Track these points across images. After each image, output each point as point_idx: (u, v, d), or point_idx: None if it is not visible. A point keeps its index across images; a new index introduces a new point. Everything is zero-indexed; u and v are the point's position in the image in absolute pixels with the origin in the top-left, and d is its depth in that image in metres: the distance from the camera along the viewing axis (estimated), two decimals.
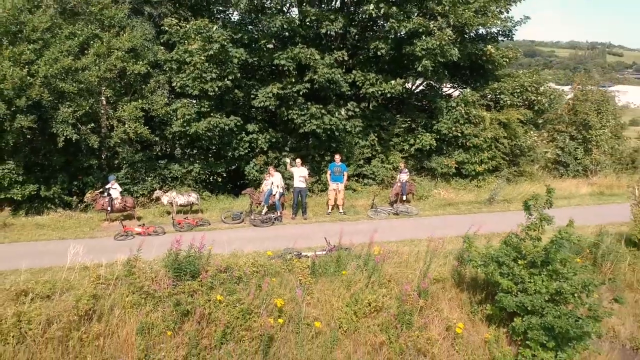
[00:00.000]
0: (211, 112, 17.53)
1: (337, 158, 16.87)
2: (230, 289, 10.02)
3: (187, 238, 10.63)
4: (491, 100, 21.54)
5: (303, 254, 11.88)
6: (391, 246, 12.93)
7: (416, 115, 20.95)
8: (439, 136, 20.39)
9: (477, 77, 22.00)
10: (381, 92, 18.50)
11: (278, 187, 16.21)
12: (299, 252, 11.97)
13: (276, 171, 16.64)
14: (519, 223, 10.71)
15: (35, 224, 14.85)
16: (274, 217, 15.78)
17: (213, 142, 18.19)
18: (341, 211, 16.96)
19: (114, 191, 15.23)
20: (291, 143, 19.37)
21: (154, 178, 18.25)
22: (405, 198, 17.83)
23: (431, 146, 20.16)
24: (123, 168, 17.78)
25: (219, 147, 18.67)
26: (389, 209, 17.31)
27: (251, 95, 18.20)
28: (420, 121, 20.70)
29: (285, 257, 11.56)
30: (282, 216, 16.12)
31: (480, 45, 19.96)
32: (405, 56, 18.56)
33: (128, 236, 13.71)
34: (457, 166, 20.79)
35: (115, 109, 17.43)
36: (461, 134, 20.26)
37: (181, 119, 17.29)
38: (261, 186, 16.95)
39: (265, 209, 16.29)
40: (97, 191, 15.53)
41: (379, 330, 10.03)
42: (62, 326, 8.83)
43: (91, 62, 16.15)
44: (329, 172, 16.86)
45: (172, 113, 17.76)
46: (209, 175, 19.72)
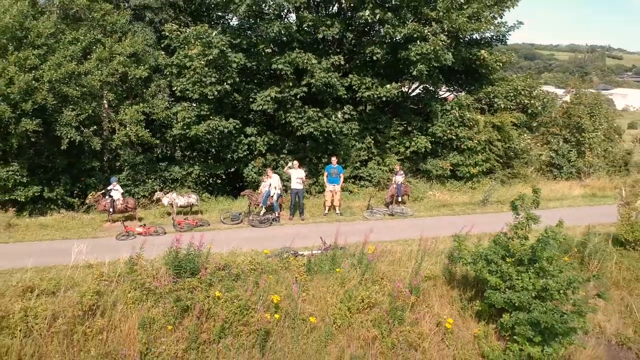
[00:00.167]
0: (211, 115, 17.92)
1: (334, 160, 17.26)
2: (228, 286, 10.40)
3: (187, 238, 11.00)
4: (485, 103, 21.94)
5: (299, 253, 12.22)
6: (385, 245, 13.25)
7: (412, 118, 21.35)
8: (434, 139, 20.78)
9: (472, 81, 22.42)
10: (377, 96, 18.91)
11: (276, 189, 16.55)
12: (296, 251, 12.30)
13: (274, 173, 17.02)
14: (507, 222, 11.14)
15: (39, 225, 15.14)
16: (272, 218, 16.14)
17: (212, 145, 18.57)
18: (338, 212, 17.32)
19: (116, 192, 15.57)
20: (289, 145, 19.75)
21: (155, 180, 18.64)
22: (400, 199, 18.21)
23: (426, 149, 20.54)
24: (124, 170, 18.17)
25: (218, 150, 19.05)
26: (385, 210, 17.68)
27: (250, 98, 18.60)
28: (415, 124, 21.10)
29: (282, 256, 11.93)
30: (280, 217, 16.48)
31: (474, 49, 20.35)
32: (400, 61, 18.99)
33: (129, 236, 14.04)
34: (452, 168, 21.17)
35: (117, 113, 17.85)
36: (456, 137, 20.65)
37: (181, 122, 17.69)
38: (259, 188, 17.31)
39: (263, 210, 16.62)
40: (99, 192, 15.88)
41: (372, 325, 10.40)
42: (67, 321, 9.20)
43: (94, 67, 16.58)
44: (326, 174, 17.24)
45: (173, 116, 18.16)
46: (209, 177, 20.10)
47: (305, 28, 18.39)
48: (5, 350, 8.64)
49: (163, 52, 18.59)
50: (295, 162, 17.03)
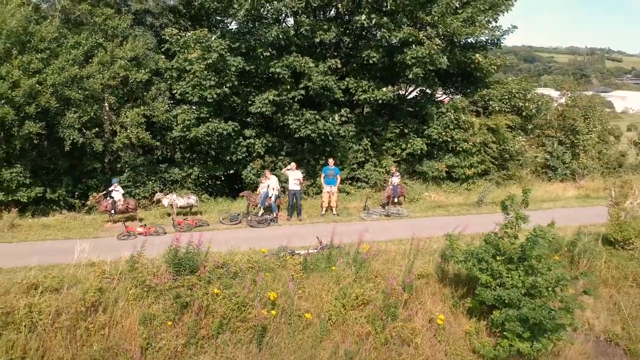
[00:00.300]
0: (210, 118, 18.26)
1: (331, 162, 17.57)
2: (226, 283, 10.73)
3: (187, 238, 11.32)
4: (480, 106, 22.28)
5: (296, 252, 12.51)
6: (381, 245, 13.54)
7: (408, 120, 21.69)
8: (430, 141, 21.11)
9: (467, 84, 22.78)
10: (373, 99, 19.25)
11: (274, 190, 16.85)
12: (292, 250, 12.59)
13: (272, 174, 17.33)
14: (497, 222, 11.47)
15: (41, 225, 15.42)
16: (270, 219, 16.44)
17: (212, 147, 18.90)
18: (335, 213, 17.62)
19: (117, 193, 15.86)
20: (287, 147, 20.08)
21: (155, 181, 18.96)
22: (397, 200, 18.50)
23: (422, 151, 20.86)
24: (125, 172, 18.49)
25: (218, 152, 19.38)
26: (381, 211, 17.99)
27: (248, 101, 18.94)
28: (411, 126, 21.44)
29: (279, 255, 12.25)
30: (278, 217, 16.78)
31: (469, 53, 20.70)
32: (396, 64, 19.34)
33: (130, 236, 14.34)
34: (448, 170, 21.50)
35: (118, 115, 18.19)
36: (451, 139, 21.00)
37: (181, 125, 18.03)
38: (258, 189, 17.61)
39: (261, 211, 16.91)
40: (101, 193, 16.19)
41: (366, 321, 10.72)
42: (70, 316, 9.53)
43: (95, 71, 16.92)
44: (323, 175, 17.54)
45: (173, 119, 18.49)
46: (208, 178, 20.42)
47: (302, 32, 18.74)
48: (10, 344, 8.96)
49: (163, 56, 18.93)
50: (292, 164, 17.34)
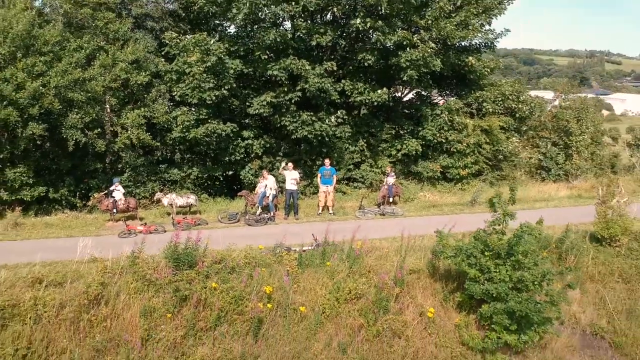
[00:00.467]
0: (209, 119, 18.66)
1: (327, 162, 17.98)
2: (224, 278, 11.13)
3: (186, 235, 11.69)
4: (474, 108, 22.69)
5: (292, 249, 12.90)
6: (375, 243, 13.96)
7: (403, 122, 22.10)
8: (425, 142, 21.53)
9: (462, 86, 23.21)
10: (369, 101, 19.67)
11: (271, 190, 17.24)
12: (289, 247, 12.98)
13: (270, 174, 17.72)
14: (485, 220, 11.88)
15: (44, 224, 15.77)
16: (268, 217, 16.83)
17: (210, 147, 19.30)
18: (331, 212, 18.00)
19: (118, 193, 16.22)
20: (284, 148, 20.49)
21: (155, 181, 19.36)
22: (392, 200, 18.89)
23: (417, 151, 21.27)
24: (126, 172, 18.89)
25: (216, 153, 19.77)
26: (376, 210, 18.38)
27: (247, 103, 19.36)
28: (407, 128, 21.86)
29: (275, 251, 12.64)
30: (275, 216, 17.16)
31: (463, 56, 21.12)
32: (391, 67, 19.79)
33: (131, 234, 14.71)
34: (442, 170, 21.91)
35: (119, 117, 18.61)
36: (445, 140, 21.42)
37: (181, 126, 18.45)
38: (256, 189, 17.99)
39: (259, 210, 17.29)
40: (102, 193, 16.56)
41: (358, 314, 11.13)
42: (74, 309, 9.93)
43: (97, 73, 17.35)
44: (319, 176, 17.93)
45: (172, 120, 18.90)
46: (207, 179, 20.80)
47: (299, 35, 19.18)
48: (17, 335, 9.35)
49: (163, 59, 19.34)
50: (289, 164, 17.73)
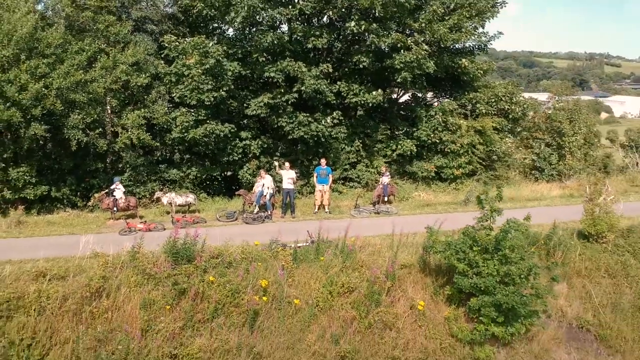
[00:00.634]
0: (207, 120, 19.04)
1: (323, 162, 18.37)
2: (221, 272, 11.56)
3: (185, 232, 12.13)
4: (468, 109, 23.11)
5: (287, 245, 13.28)
6: (369, 240, 14.31)
7: (398, 123, 22.52)
8: (419, 142, 21.93)
9: (456, 88, 23.63)
10: (364, 102, 20.10)
11: (269, 189, 17.60)
12: (284, 244, 13.35)
13: (267, 174, 18.11)
14: (474, 217, 12.30)
15: (46, 222, 16.15)
16: (265, 216, 17.22)
17: (209, 148, 19.69)
18: (327, 211, 18.37)
19: (118, 191, 16.59)
20: (281, 148, 20.88)
21: (155, 181, 19.76)
22: (387, 199, 19.27)
23: (412, 152, 21.67)
24: (126, 171, 19.28)
25: (215, 153, 20.16)
26: (371, 209, 18.77)
27: (244, 104, 19.77)
28: (402, 129, 22.27)
29: (271, 247, 13.04)
30: (272, 215, 17.53)
31: (456, 58, 21.55)
32: (386, 69, 20.22)
33: (131, 232, 15.08)
34: (437, 170, 22.30)
35: (119, 117, 19.02)
36: (439, 141, 21.83)
37: (180, 126, 18.86)
38: (253, 188, 18.37)
39: (257, 209, 17.67)
40: (103, 192, 16.95)
41: (351, 307, 11.55)
42: (76, 301, 10.36)
43: (98, 75, 17.76)
44: (315, 175, 18.32)
45: (172, 121, 19.30)
46: (206, 178, 21.18)
47: (296, 38, 19.61)
48: (21, 325, 9.77)
49: (162, 62, 19.74)
50: (287, 164, 18.14)
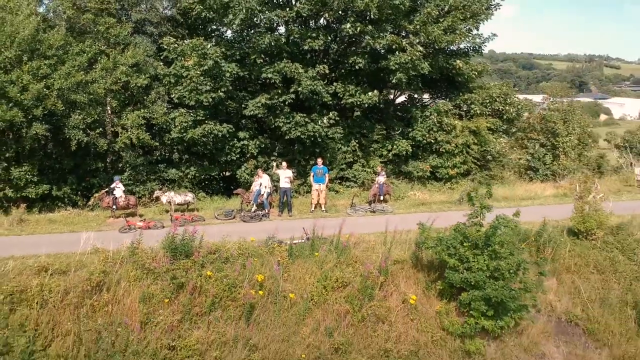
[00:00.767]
0: (206, 120, 19.36)
1: (319, 161, 18.69)
2: (218, 267, 11.89)
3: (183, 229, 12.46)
4: (463, 110, 23.46)
5: (283, 242, 13.60)
6: (364, 237, 14.64)
7: (394, 123, 22.85)
8: (415, 142, 22.27)
9: (451, 89, 23.98)
10: (359, 102, 20.44)
11: (266, 188, 17.92)
12: (280, 240, 13.68)
13: (265, 173, 18.44)
14: (465, 214, 12.64)
15: (47, 220, 16.44)
16: (262, 214, 17.53)
17: (207, 148, 20.00)
18: (323, 209, 18.67)
19: (118, 190, 16.88)
20: (279, 148, 21.21)
21: (154, 180, 20.09)
22: (382, 198, 19.60)
23: (407, 152, 21.99)
24: (126, 171, 19.61)
25: (213, 153, 20.49)
26: (367, 207, 19.09)
27: (242, 105, 20.10)
28: (397, 129, 22.60)
29: (267, 243, 13.36)
30: (270, 213, 17.84)
31: (451, 59, 21.90)
32: (381, 70, 20.58)
33: (131, 229, 15.36)
34: (432, 170, 22.63)
35: (119, 117, 19.36)
36: (435, 141, 22.18)
37: (179, 127, 19.18)
38: (251, 187, 18.68)
39: (254, 207, 17.98)
40: (104, 191, 17.26)
41: (345, 301, 11.88)
42: (77, 295, 10.69)
43: (99, 76, 18.09)
44: (312, 174, 18.64)
45: (171, 121, 19.63)
46: (204, 178, 21.51)
47: (293, 40, 19.95)
48: (24, 318, 10.08)
49: (162, 63, 20.08)
50: (283, 163, 18.47)
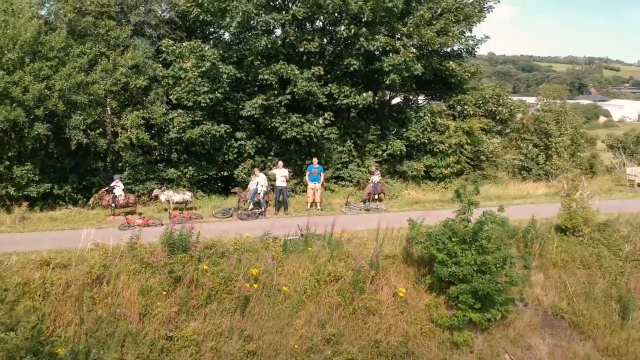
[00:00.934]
0: (204, 121, 19.77)
1: (315, 161, 19.10)
2: (215, 261, 12.31)
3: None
4: (457, 110, 23.89)
5: (278, 238, 13.99)
6: (357, 233, 15.06)
7: (389, 124, 23.27)
8: (409, 142, 22.69)
9: (445, 90, 24.43)
10: (354, 103, 20.88)
11: (262, 187, 18.33)
12: (275, 236, 14.07)
13: (261, 173, 18.85)
14: (453, 210, 13.06)
15: (49, 218, 16.81)
16: (259, 212, 17.93)
17: (205, 148, 20.41)
18: (319, 208, 19.07)
19: (118, 189, 17.28)
20: (275, 148, 21.62)
21: (153, 179, 20.48)
22: (377, 197, 20.01)
23: (402, 151, 22.42)
24: (126, 170, 20.00)
25: (211, 153, 20.90)
26: (361, 206, 19.50)
27: (239, 105, 20.52)
28: (392, 129, 23.02)
29: (262, 239, 13.76)
30: (266, 211, 18.24)
31: (444, 61, 22.34)
32: (375, 71, 21.02)
33: (130, 227, 15.74)
34: (426, 169, 23.05)
35: (119, 118, 19.77)
36: (428, 141, 22.61)
37: (177, 127, 19.58)
38: (248, 186, 19.08)
39: (251, 206, 18.38)
40: (104, 189, 17.66)
41: (337, 294, 12.29)
42: (78, 287, 11.10)
43: (99, 77, 18.49)
44: (308, 173, 19.07)
45: (169, 121, 20.03)
46: (202, 177, 21.90)
47: (289, 42, 20.37)
48: (27, 310, 10.43)
49: (160, 65, 20.48)
50: (280, 162, 18.91)
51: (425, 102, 25.74)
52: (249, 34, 20.69)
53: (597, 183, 25.11)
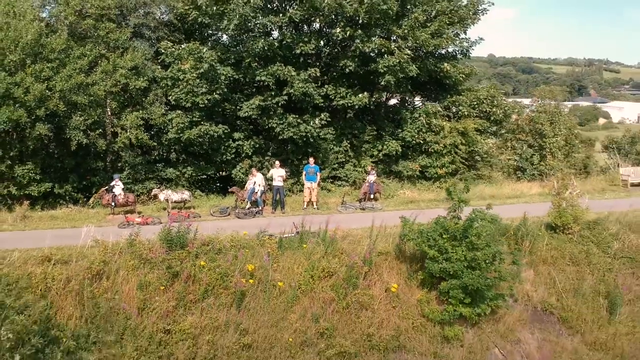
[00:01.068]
0: (202, 122, 20.11)
1: (311, 161, 19.44)
2: (212, 258, 12.63)
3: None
4: (452, 111, 24.23)
5: (274, 235, 14.31)
6: (352, 231, 15.37)
7: (385, 124, 23.61)
8: (404, 143, 23.01)
9: (440, 91, 24.78)
10: (350, 104, 21.23)
11: (260, 186, 18.66)
12: (271, 234, 14.39)
13: (258, 172, 19.17)
14: (445, 208, 13.39)
15: (49, 217, 17.12)
16: (256, 211, 18.26)
17: (203, 148, 20.74)
18: (315, 207, 19.39)
19: (117, 188, 17.62)
20: (272, 148, 21.95)
21: (152, 179, 20.81)
22: (372, 196, 20.33)
23: (397, 152, 22.74)
24: (125, 170, 20.34)
25: (209, 153, 21.22)
26: (357, 205, 19.82)
27: (237, 106, 20.85)
28: (388, 130, 23.36)
29: (258, 236, 14.08)
30: (263, 210, 18.56)
31: (439, 63, 22.69)
32: (371, 72, 21.37)
33: (130, 225, 16.08)
34: (421, 169, 23.37)
35: (119, 118, 20.12)
36: (424, 141, 22.94)
37: (176, 127, 19.90)
38: (246, 185, 19.41)
39: (248, 205, 18.71)
40: (104, 189, 17.99)
41: (330, 289, 12.61)
42: (79, 282, 11.42)
43: (99, 78, 18.85)
44: (304, 173, 19.39)
45: (168, 122, 20.36)
46: (201, 177, 22.23)
47: (286, 44, 20.72)
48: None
49: (159, 66, 20.82)
50: (277, 162, 19.23)
51: (420, 103, 26.08)
52: (247, 36, 21.04)
53: (591, 183, 25.45)
